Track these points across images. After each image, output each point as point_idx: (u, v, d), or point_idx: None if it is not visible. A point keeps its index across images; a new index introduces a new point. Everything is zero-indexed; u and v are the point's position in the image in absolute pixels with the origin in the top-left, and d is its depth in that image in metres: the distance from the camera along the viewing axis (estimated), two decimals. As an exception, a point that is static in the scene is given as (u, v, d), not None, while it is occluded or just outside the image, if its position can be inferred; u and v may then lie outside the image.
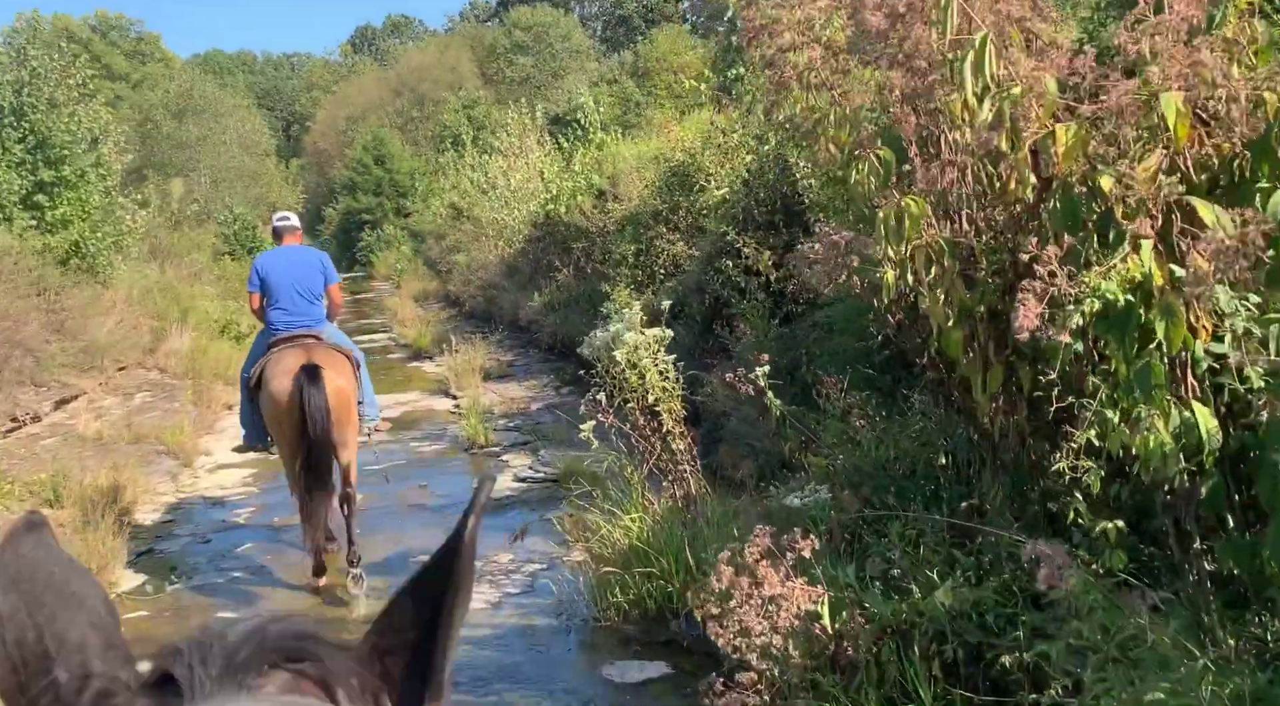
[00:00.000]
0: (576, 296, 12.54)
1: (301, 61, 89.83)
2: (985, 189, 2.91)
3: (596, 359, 5.04)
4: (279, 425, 5.25)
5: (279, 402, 5.12)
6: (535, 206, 15.48)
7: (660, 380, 4.69)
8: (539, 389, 10.86)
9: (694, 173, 9.71)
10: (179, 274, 18.38)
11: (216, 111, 43.06)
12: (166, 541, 6.63)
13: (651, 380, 4.66)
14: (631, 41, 67.16)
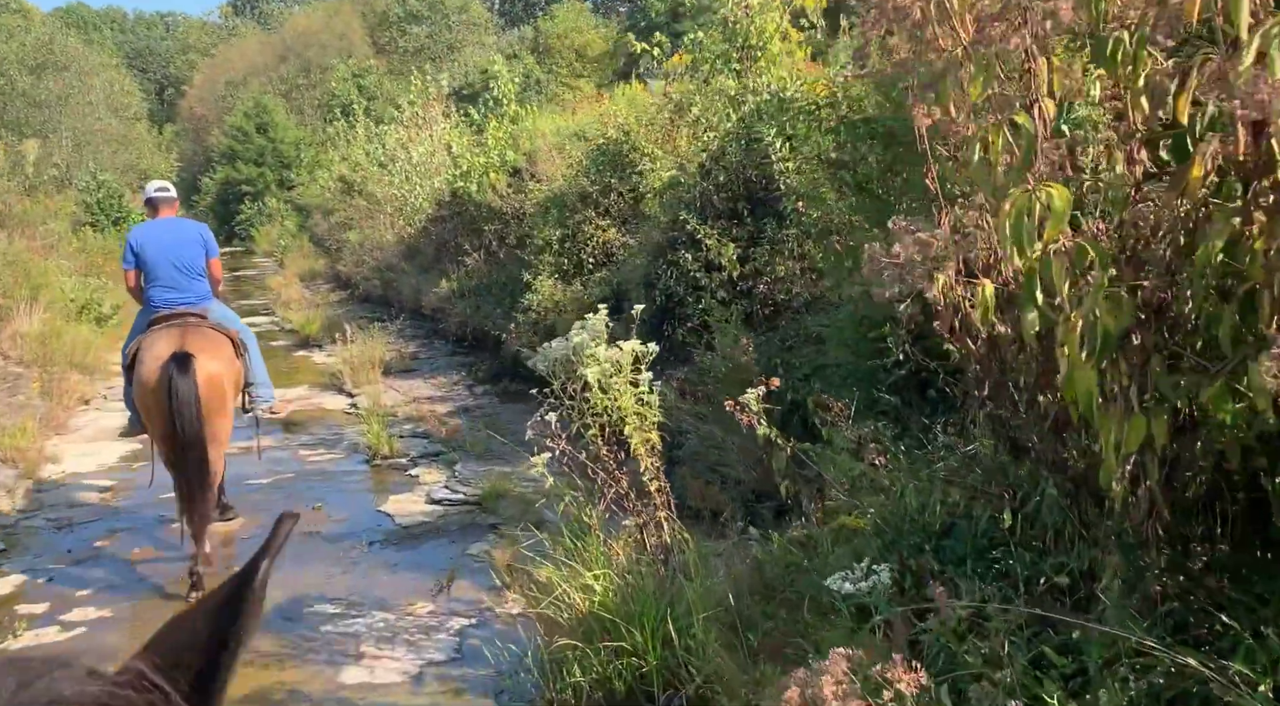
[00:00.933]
0: (489, 283, 11.46)
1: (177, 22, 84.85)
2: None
3: (551, 374, 4.08)
4: (148, 413, 5.01)
5: (147, 390, 4.89)
6: (440, 183, 14.25)
7: (636, 405, 3.77)
8: (449, 387, 9.77)
9: (628, 152, 8.78)
10: (31, 245, 16.34)
11: (81, 68, 39.76)
12: (-8, 582, 5.35)
13: (626, 406, 3.74)
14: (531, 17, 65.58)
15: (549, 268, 9.18)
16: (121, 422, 8.68)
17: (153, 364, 4.87)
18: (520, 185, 11.68)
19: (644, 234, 7.59)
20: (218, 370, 4.99)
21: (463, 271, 12.19)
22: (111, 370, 12.23)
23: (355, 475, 7.25)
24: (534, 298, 8.98)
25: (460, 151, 12.08)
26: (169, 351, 4.85)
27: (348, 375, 10.39)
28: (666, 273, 6.07)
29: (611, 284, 8.10)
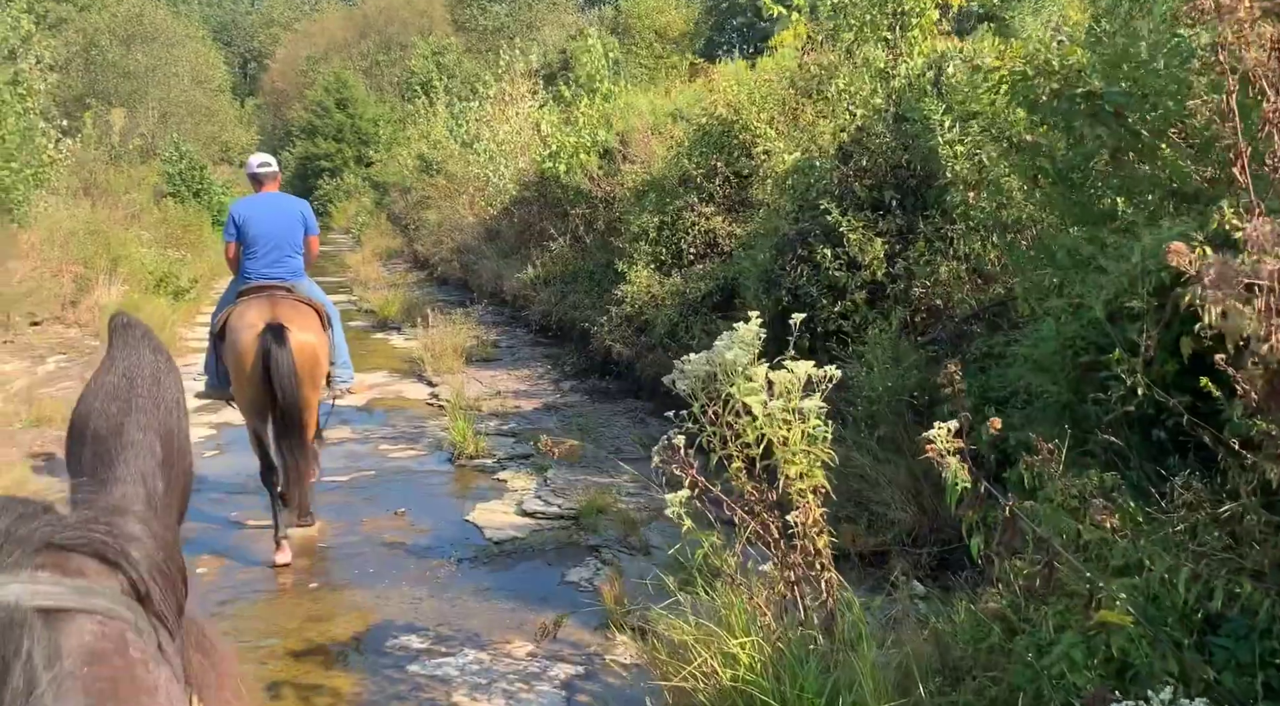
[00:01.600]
0: (576, 271, 10.86)
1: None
2: None
3: (690, 394, 3.41)
4: (239, 381, 5.08)
5: (240, 357, 4.95)
6: (525, 163, 13.68)
7: (804, 442, 3.08)
8: (533, 380, 9.19)
9: (738, 132, 8.06)
10: (113, 215, 16.26)
11: (168, 40, 40.39)
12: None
13: (794, 442, 3.05)
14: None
15: (645, 257, 8.52)
16: (193, 401, 8.37)
17: (247, 333, 4.94)
18: (612, 167, 11.03)
19: (762, 223, 6.87)
20: (310, 340, 5.08)
21: (547, 257, 11.61)
22: (187, 347, 11.97)
23: (439, 476, 6.71)
24: (628, 289, 8.33)
25: (549, 131, 11.47)
26: (261, 321, 4.94)
27: (428, 363, 9.90)
28: (794, 269, 5.35)
29: (718, 278, 7.41)
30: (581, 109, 11.25)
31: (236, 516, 5.89)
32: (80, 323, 11.87)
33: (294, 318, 5.07)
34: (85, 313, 11.97)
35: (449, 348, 10.15)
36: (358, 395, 9.29)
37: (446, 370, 9.76)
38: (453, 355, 9.96)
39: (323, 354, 5.25)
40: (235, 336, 5.00)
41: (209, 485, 6.49)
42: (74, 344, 10.91)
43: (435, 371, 9.80)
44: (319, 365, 5.18)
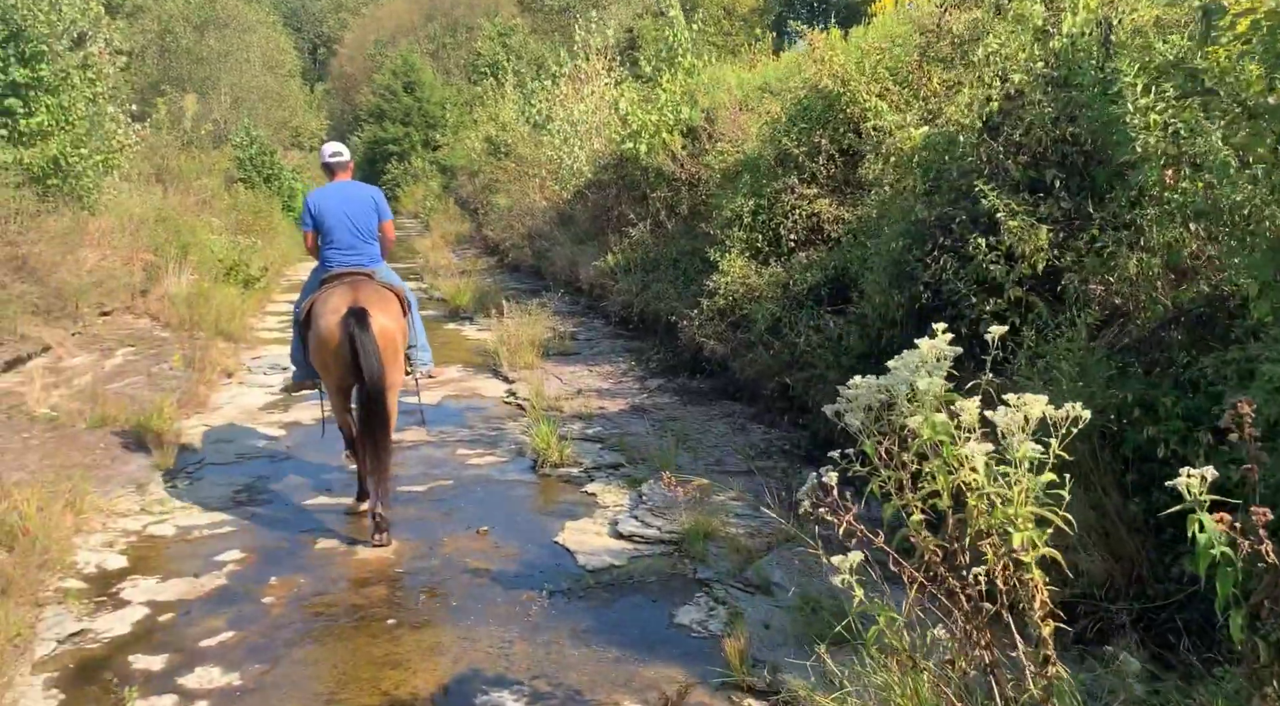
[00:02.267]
0: (657, 259, 10.20)
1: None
2: None
3: (861, 431, 2.72)
4: (325, 366, 5.30)
5: (325, 343, 5.16)
6: (600, 144, 13.04)
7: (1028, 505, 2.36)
8: (616, 377, 8.58)
9: (846, 105, 7.30)
10: (184, 201, 16.07)
11: (240, 26, 40.73)
12: (106, 618, 4.44)
13: (1019, 503, 2.34)
14: (678, -25, 63.53)
15: (739, 244, 7.82)
16: (262, 397, 7.90)
17: (330, 318, 5.11)
18: (697, 147, 10.33)
19: (881, 206, 6.12)
20: (389, 324, 5.24)
21: (625, 244, 10.97)
22: (258, 337, 11.64)
23: (521, 487, 6.13)
24: (721, 280, 7.65)
25: (628, 109, 10.79)
26: (344, 306, 5.10)
27: (504, 357, 9.36)
28: (936, 260, 4.61)
29: (827, 269, 6.68)
30: (663, 85, 10.54)
31: (306, 534, 5.39)
32: (150, 312, 11.62)
33: (375, 302, 5.23)
34: (155, 302, 11.71)
35: (525, 340, 9.60)
36: (432, 391, 8.81)
37: (523, 365, 9.21)
38: (529, 349, 9.41)
39: (401, 338, 5.42)
40: (319, 322, 5.18)
41: (277, 498, 6.02)
42: (143, 335, 10.63)
43: (511, 366, 9.25)
44: (396, 348, 5.34)
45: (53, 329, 9.40)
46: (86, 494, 5.64)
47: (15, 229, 9.61)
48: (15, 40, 10.90)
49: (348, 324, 5.01)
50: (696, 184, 10.19)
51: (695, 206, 10.30)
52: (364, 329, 5.00)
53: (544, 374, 8.90)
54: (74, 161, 11.31)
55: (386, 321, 5.21)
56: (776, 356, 6.44)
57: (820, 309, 6.51)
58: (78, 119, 11.49)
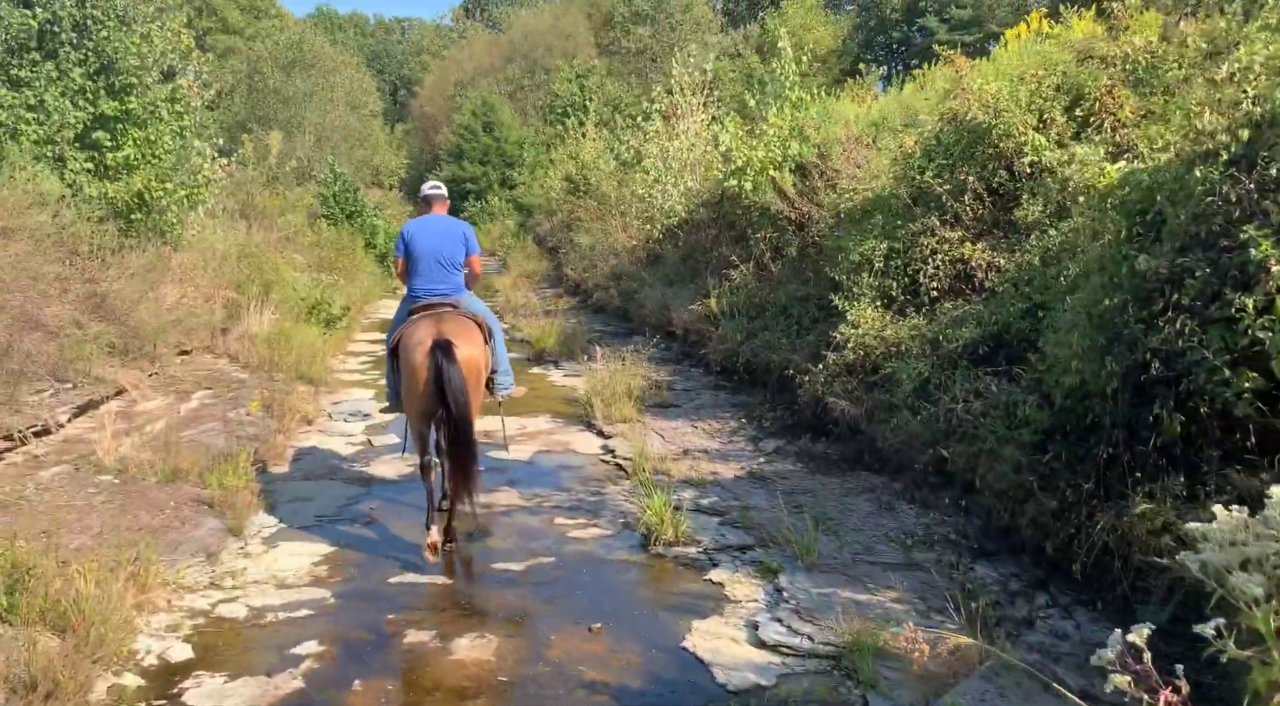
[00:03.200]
0: (763, 304, 9.40)
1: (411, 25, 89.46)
2: None
3: (1216, 580, 1.88)
4: (411, 393, 5.43)
5: (413, 374, 5.31)
6: (694, 182, 12.35)
7: None
8: (724, 436, 7.76)
9: (999, 138, 6.46)
10: (268, 237, 15.84)
11: (326, 67, 41.64)
12: None
13: None
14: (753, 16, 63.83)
15: (870, 291, 6.99)
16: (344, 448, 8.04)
17: (418, 349, 5.30)
18: (807, 185, 9.56)
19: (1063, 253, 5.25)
20: (472, 354, 5.44)
21: (725, 287, 10.20)
22: (339, 380, 11.14)
23: (633, 569, 5.34)
24: (851, 331, 6.82)
25: (733, 144, 10.09)
26: (430, 338, 5.30)
27: (598, 408, 8.63)
28: (1169, 323, 3.73)
29: (985, 323, 5.80)
30: (771, 119, 9.82)
31: (394, 623, 4.67)
32: (230, 352, 11.21)
33: (459, 332, 5.42)
34: (235, 342, 11.31)
35: (619, 390, 8.87)
36: (522, 444, 8.12)
37: (619, 417, 8.46)
38: (625, 400, 8.67)
39: (484, 365, 5.68)
40: (407, 354, 5.39)
41: (360, 572, 5.33)
42: (221, 377, 10.19)
43: (606, 418, 8.51)
44: (479, 376, 5.56)
45: (129, 370, 8.98)
46: (152, 563, 5.02)
47: (96, 265, 9.26)
48: (106, 72, 10.70)
49: (435, 356, 5.20)
50: (807, 224, 9.40)
51: (805, 248, 9.51)
52: (450, 361, 5.18)
53: (643, 429, 8.14)
54: (158, 196, 11.03)
55: (470, 350, 5.41)
56: (927, 424, 5.57)
57: (978, 370, 5.63)
58: (164, 152, 11.23)
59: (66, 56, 10.50)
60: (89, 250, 9.21)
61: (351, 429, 8.80)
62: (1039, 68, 6.56)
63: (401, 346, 5.50)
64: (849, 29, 52.76)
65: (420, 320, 5.52)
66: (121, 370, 8.79)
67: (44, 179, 9.77)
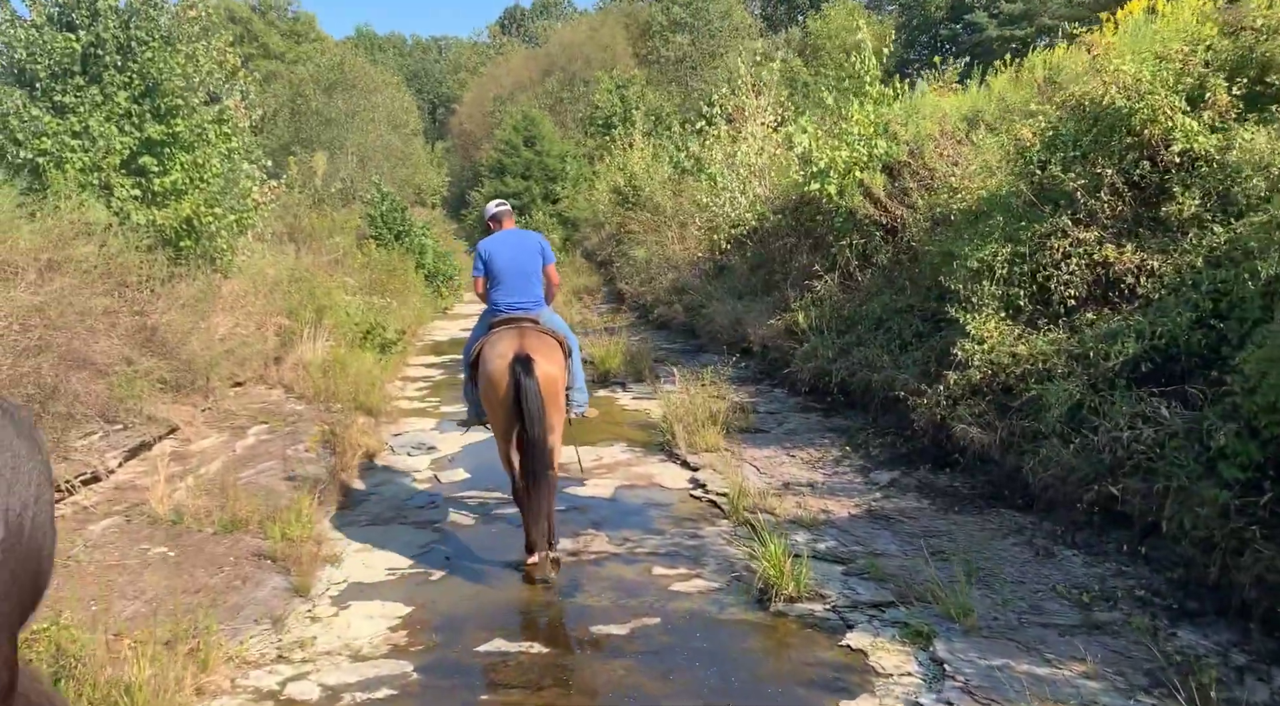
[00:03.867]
0: (854, 317, 8.67)
1: (449, 44, 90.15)
2: None
3: None
4: (492, 407, 5.43)
5: (493, 386, 5.31)
6: (765, 189, 11.65)
7: None
8: (826, 466, 7.03)
9: (1139, 125, 5.69)
10: (317, 261, 15.43)
11: (366, 87, 41.77)
12: None
13: None
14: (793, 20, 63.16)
15: (992, 302, 6.24)
16: (409, 487, 7.43)
17: (499, 363, 5.30)
18: (895, 187, 8.82)
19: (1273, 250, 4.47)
20: (552, 371, 5.36)
21: (808, 299, 9.48)
22: (398, 408, 10.59)
23: (754, 633, 4.63)
24: (974, 347, 6.07)
25: (812, 146, 9.38)
26: (511, 352, 5.29)
27: (680, 436, 7.95)
28: None
29: (1144, 334, 5.03)
30: (854, 117, 9.10)
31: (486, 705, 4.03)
32: (284, 382, 10.72)
33: (539, 348, 5.38)
34: (289, 371, 10.82)
35: (700, 414, 8.19)
36: (601, 478, 7.48)
37: (705, 446, 7.78)
38: (709, 425, 7.98)
39: (562, 383, 5.53)
40: (488, 367, 5.37)
41: (442, 637, 4.69)
42: (275, 410, 9.68)
43: (690, 446, 7.84)
44: (558, 393, 5.45)
45: (182, 406, 8.49)
46: (212, 633, 4.44)
47: (146, 296, 8.80)
48: (151, 95, 10.30)
49: (514, 371, 5.19)
50: (899, 229, 8.66)
51: (897, 255, 8.77)
52: (529, 375, 5.15)
53: (732, 458, 7.45)
54: (208, 221, 10.59)
55: (550, 368, 5.34)
56: (1086, 454, 4.81)
57: (1141, 391, 4.86)
58: (212, 176, 10.80)
59: (111, 79, 10.11)
60: (138, 281, 8.75)
61: (416, 464, 8.21)
62: (1184, 43, 5.78)
63: (481, 359, 5.49)
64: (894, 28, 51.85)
65: (502, 333, 5.50)
66: (174, 407, 8.30)
67: (90, 207, 9.36)
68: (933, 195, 8.37)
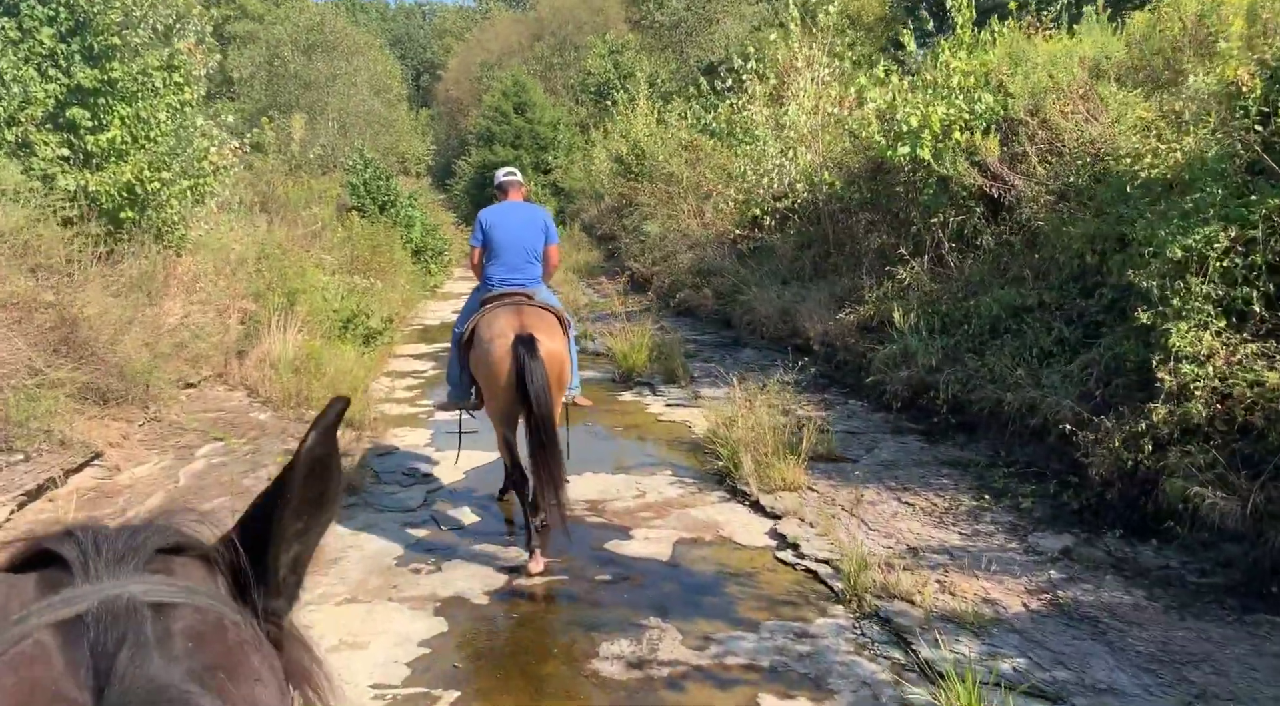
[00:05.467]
0: (953, 315, 6.95)
1: (434, 9, 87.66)
2: None
3: None
4: (492, 390, 5.13)
5: (493, 366, 5.03)
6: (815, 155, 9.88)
7: None
8: (959, 519, 5.30)
9: None
10: (291, 234, 13.54)
11: (348, 49, 39.70)
12: None
13: None
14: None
15: (1207, 305, 4.53)
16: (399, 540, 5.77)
17: (499, 341, 5.00)
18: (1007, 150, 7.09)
19: None
20: (555, 347, 5.10)
21: (889, 288, 7.75)
22: (385, 415, 8.78)
23: None
24: (1191, 370, 4.37)
25: (896, 101, 7.60)
26: (511, 331, 5.01)
27: (748, 471, 6.21)
28: None
29: None
30: (955, 64, 7.31)
31: None
32: (247, 382, 8.92)
33: (540, 326, 5.10)
34: (253, 368, 9.02)
35: (766, 435, 6.47)
36: (652, 528, 5.76)
37: (781, 483, 6.06)
38: (784, 454, 6.26)
39: (566, 360, 5.23)
40: (486, 347, 5.05)
41: None
42: (236, 420, 7.89)
43: (762, 483, 6.12)
44: (563, 370, 5.16)
45: (110, 423, 6.69)
46: None
47: (65, 284, 6.97)
48: (81, 33, 8.39)
49: (517, 351, 4.90)
50: (1014, 205, 6.94)
51: (1005, 236, 7.06)
52: (533, 357, 4.86)
53: (822, 501, 5.74)
54: (154, 188, 8.72)
55: (553, 345, 5.08)
56: None
57: None
58: (160, 134, 8.93)
59: (30, 12, 8.20)
60: (52, 266, 6.92)
61: (409, 498, 6.47)
62: None
63: (476, 339, 5.18)
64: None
65: (497, 310, 5.19)
66: (98, 425, 6.50)
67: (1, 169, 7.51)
68: (1057, 161, 6.65)
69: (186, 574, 0.67)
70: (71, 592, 0.61)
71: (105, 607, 0.60)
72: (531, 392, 4.83)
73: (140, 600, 0.61)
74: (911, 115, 7.28)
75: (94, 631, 0.59)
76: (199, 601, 0.64)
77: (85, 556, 0.63)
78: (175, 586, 0.64)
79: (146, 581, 0.63)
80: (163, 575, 0.65)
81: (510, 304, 5.25)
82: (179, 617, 0.62)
